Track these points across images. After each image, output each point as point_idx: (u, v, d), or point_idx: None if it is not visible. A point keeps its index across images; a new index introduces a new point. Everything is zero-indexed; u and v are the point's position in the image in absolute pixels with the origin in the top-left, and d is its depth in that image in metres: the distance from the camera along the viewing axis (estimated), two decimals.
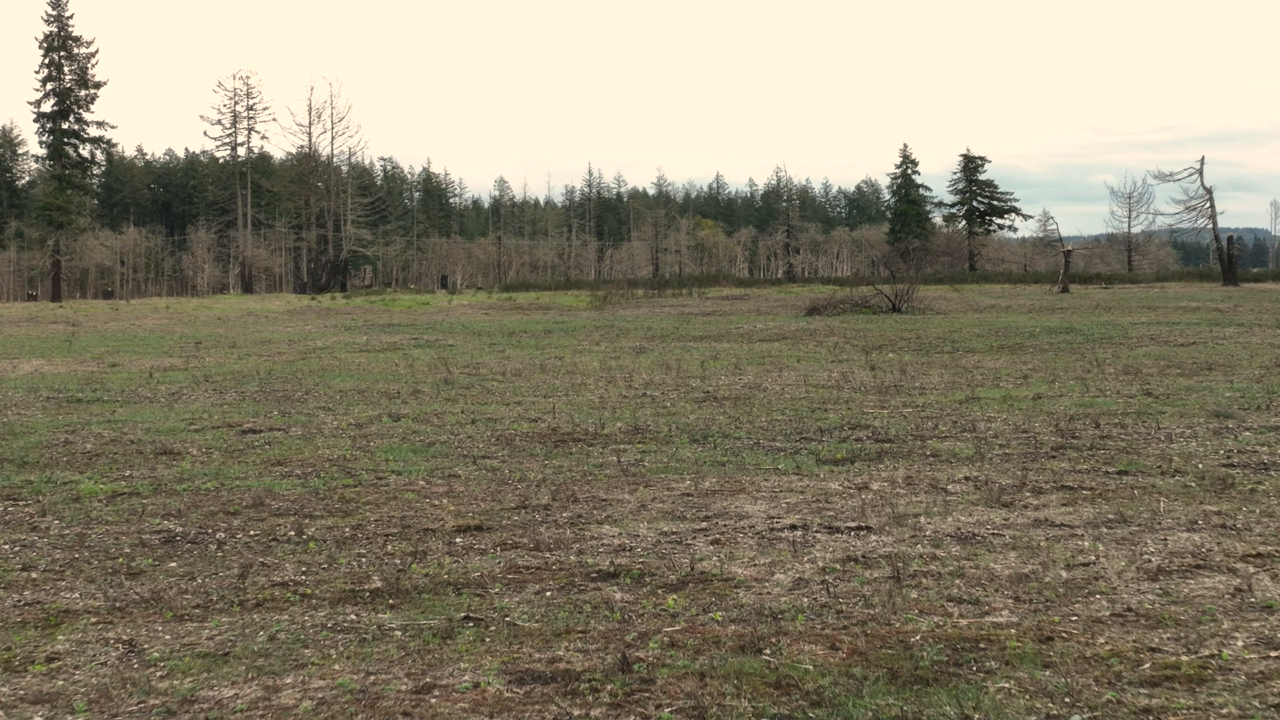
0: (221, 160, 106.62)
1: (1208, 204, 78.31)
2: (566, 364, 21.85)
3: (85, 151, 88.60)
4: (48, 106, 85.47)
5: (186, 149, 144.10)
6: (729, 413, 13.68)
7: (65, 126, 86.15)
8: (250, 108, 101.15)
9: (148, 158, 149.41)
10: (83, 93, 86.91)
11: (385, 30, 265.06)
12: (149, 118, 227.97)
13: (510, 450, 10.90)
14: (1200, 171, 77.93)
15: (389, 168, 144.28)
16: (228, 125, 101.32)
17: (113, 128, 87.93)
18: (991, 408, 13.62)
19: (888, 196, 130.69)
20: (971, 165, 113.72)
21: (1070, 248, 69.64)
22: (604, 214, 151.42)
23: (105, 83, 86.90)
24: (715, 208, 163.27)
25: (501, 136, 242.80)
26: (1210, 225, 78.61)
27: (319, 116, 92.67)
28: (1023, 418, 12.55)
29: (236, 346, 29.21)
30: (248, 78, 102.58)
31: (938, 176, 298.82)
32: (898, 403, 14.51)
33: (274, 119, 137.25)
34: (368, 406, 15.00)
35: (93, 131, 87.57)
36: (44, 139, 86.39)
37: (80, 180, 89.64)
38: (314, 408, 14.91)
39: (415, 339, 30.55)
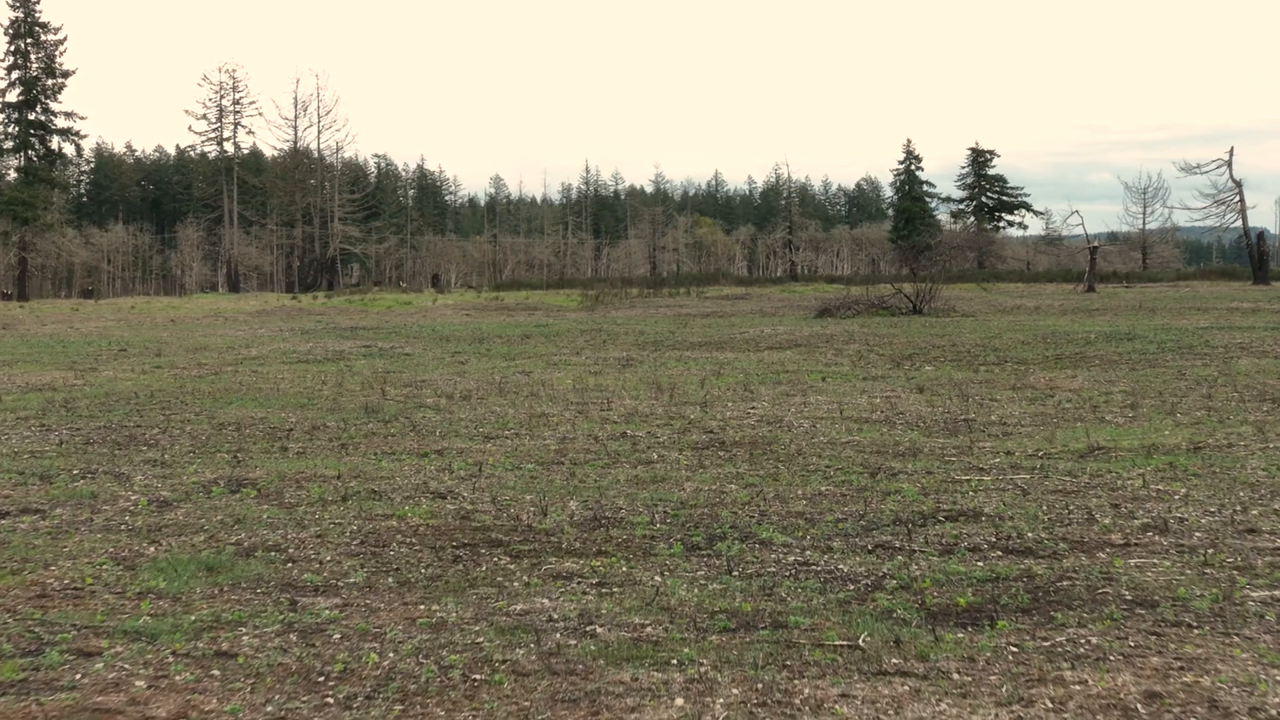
0: (212, 156, 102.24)
1: (1237, 198, 73.59)
2: (533, 382, 17.32)
3: (54, 144, 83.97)
4: (13, 96, 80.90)
5: (177, 145, 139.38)
6: (744, 474, 9.10)
7: (32, 117, 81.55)
8: (237, 102, 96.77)
9: (137, 154, 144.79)
10: (50, 82, 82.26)
11: (381, 27, 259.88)
12: (140, 114, 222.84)
13: (374, 569, 6.31)
14: (1229, 163, 73.19)
15: (383, 164, 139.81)
16: (213, 120, 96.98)
17: (82, 119, 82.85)
18: (1141, 469, 9.00)
19: (890, 194, 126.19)
20: (980, 160, 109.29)
21: (1097, 244, 64.98)
22: (601, 212, 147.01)
23: (74, 72, 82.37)
24: (714, 206, 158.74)
25: (497, 134, 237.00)
26: (1239, 221, 73.94)
27: (305, 110, 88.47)
28: (1213, 494, 7.94)
29: (161, 355, 25.17)
30: (234, 71, 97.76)
31: (937, 175, 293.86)
32: (989, 455, 9.94)
33: (260, 113, 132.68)
34: (222, 458, 10.44)
35: (61, 123, 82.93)
36: (9, 130, 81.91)
37: (48, 174, 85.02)
38: (141, 460, 10.33)
39: (368, 346, 26.18)
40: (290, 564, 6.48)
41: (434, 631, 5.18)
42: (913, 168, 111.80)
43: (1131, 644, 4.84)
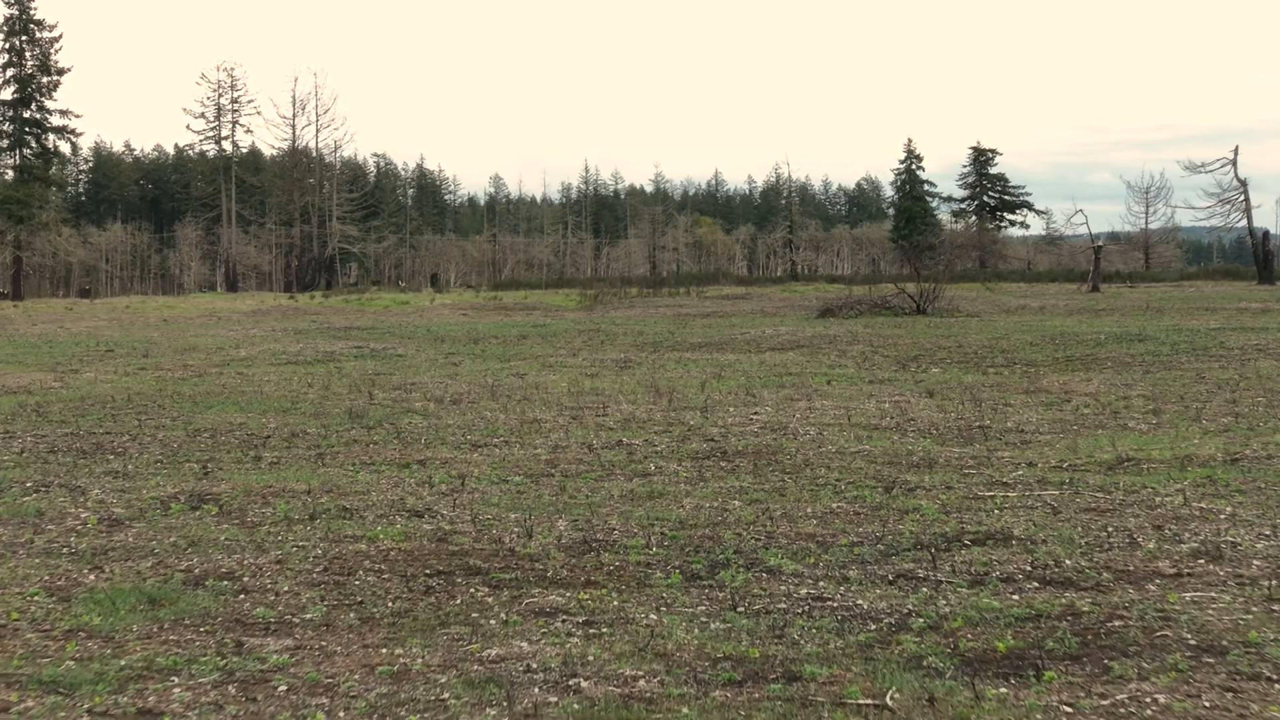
0: (210, 155, 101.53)
1: (1242, 197, 72.85)
2: (526, 385, 16.64)
3: (49, 142, 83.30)
4: (8, 94, 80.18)
5: (175, 144, 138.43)
6: (748, 488, 8.43)
7: (27, 115, 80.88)
8: (235, 101, 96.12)
9: (135, 153, 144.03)
10: (45, 80, 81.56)
11: (381, 27, 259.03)
12: (138, 113, 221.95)
13: (336, 602, 5.63)
14: (1234, 162, 72.43)
15: (382, 164, 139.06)
16: (211, 119, 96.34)
17: (77, 116, 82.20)
18: (1179, 484, 8.32)
19: (890, 193, 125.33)
20: (982, 159, 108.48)
21: (1101, 244, 64.15)
22: (601, 211, 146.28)
23: (69, 69, 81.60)
24: (714, 205, 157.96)
25: (497, 134, 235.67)
26: (1244, 220, 73.15)
27: (303, 108, 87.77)
28: (1262, 513, 7.23)
29: (148, 355, 24.53)
30: (232, 70, 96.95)
31: (937, 175, 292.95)
32: (1009, 467, 9.27)
33: (258, 112, 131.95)
34: (190, 469, 9.77)
35: (56, 120, 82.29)
36: (3, 128, 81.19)
37: (44, 172, 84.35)
38: (103, 471, 9.65)
39: (361, 347, 25.51)
40: (242, 595, 5.80)
41: (395, 683, 4.49)
42: (913, 167, 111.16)
43: (1207, 704, 4.15)
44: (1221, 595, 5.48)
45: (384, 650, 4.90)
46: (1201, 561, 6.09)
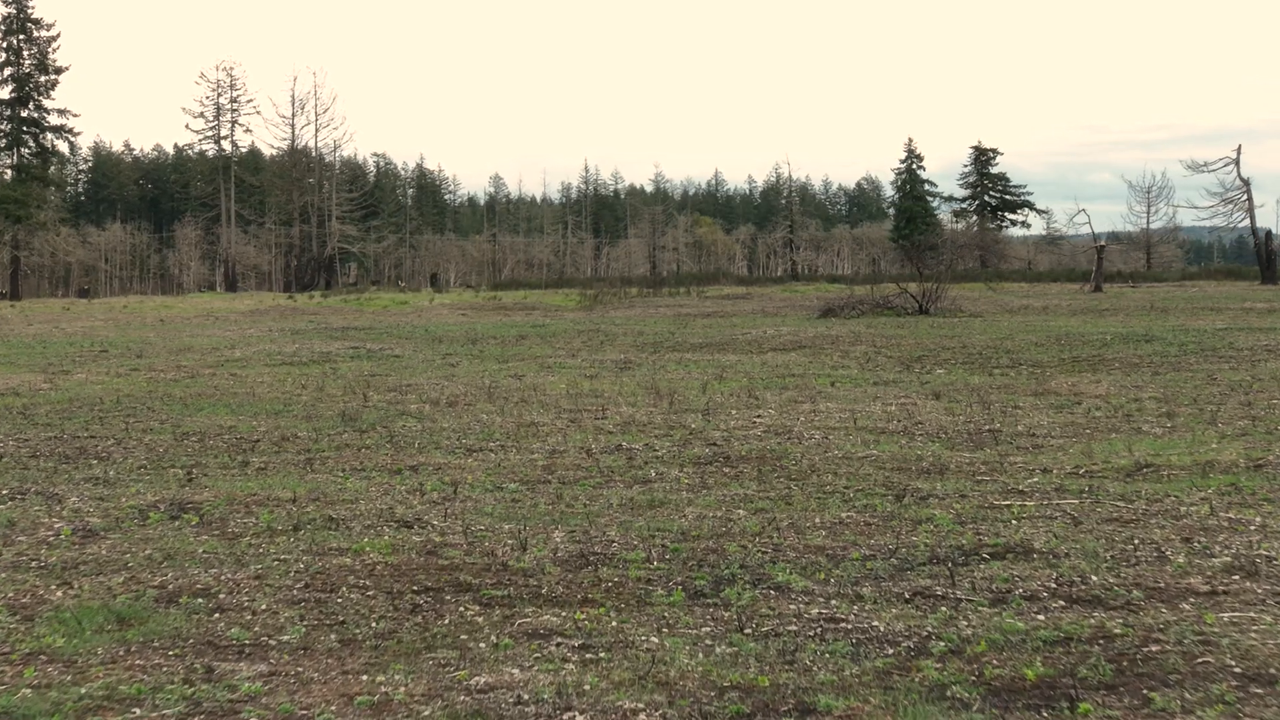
0: (209, 155, 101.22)
1: (1245, 196, 72.44)
2: (524, 386, 16.31)
3: (47, 141, 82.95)
4: (5, 93, 79.88)
5: (175, 144, 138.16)
6: (753, 497, 8.08)
7: (24, 114, 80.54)
8: (234, 100, 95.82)
9: (135, 153, 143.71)
10: (43, 79, 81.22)
11: (380, 27, 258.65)
12: (138, 112, 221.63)
13: (316, 622, 5.27)
14: (1237, 161, 72.04)
15: (382, 164, 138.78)
16: (211, 118, 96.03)
17: (75, 116, 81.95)
18: (1203, 492, 7.97)
19: (890, 193, 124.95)
20: (983, 158, 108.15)
21: (1104, 244, 63.75)
22: (601, 211, 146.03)
23: (67, 69, 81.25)
24: (714, 205, 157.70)
25: (497, 134, 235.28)
26: (1247, 220, 72.72)
27: (302, 108, 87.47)
28: None
29: (141, 356, 24.21)
30: (231, 69, 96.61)
31: (937, 175, 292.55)
32: (1024, 474, 8.92)
33: (257, 111, 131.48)
34: (175, 475, 9.43)
35: (54, 120, 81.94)
36: (1, 127, 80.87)
37: (41, 172, 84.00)
38: (83, 478, 9.31)
39: (357, 347, 25.18)
40: (217, 614, 5.44)
41: (374, 715, 4.14)
42: (914, 167, 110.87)
43: None
44: (1262, 616, 5.13)
45: (364, 677, 4.55)
46: (1236, 578, 5.74)
